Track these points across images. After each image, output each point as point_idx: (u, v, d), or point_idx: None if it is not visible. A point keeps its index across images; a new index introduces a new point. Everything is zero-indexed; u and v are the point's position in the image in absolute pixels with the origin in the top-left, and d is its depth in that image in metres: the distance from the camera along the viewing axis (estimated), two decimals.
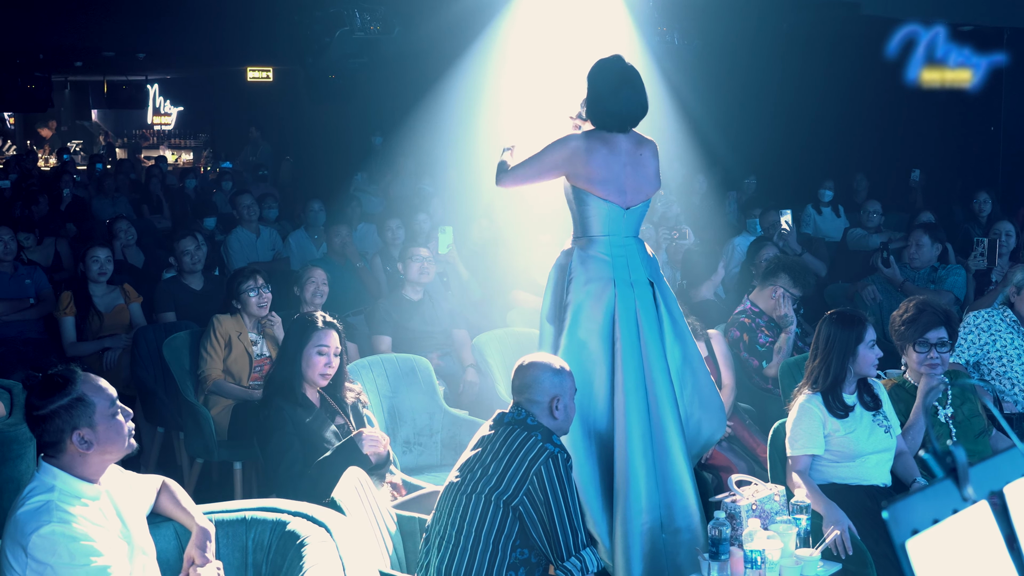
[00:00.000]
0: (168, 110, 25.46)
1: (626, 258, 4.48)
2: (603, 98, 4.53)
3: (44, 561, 2.95)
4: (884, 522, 1.44)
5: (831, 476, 4.56)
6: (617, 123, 4.53)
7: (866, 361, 4.59)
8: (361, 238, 9.66)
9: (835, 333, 4.63)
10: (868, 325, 4.63)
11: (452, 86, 10.84)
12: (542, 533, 3.84)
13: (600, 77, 4.56)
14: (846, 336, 4.60)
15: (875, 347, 4.62)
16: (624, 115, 4.54)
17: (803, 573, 3.99)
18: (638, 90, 4.56)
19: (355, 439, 4.54)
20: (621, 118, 4.53)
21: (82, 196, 12.77)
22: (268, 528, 3.55)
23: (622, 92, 4.52)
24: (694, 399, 4.60)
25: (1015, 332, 5.73)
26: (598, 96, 4.55)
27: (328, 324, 4.88)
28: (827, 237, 10.18)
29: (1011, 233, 7.93)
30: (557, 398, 4.01)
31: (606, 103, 4.52)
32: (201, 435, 5.97)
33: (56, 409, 3.09)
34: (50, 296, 7.43)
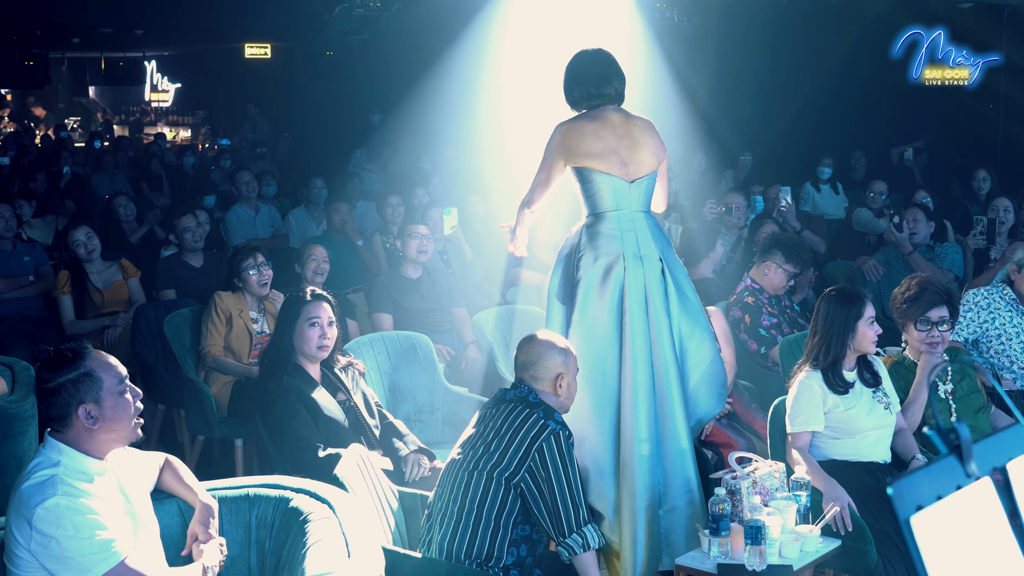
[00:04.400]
0: (166, 87, 25.38)
1: (635, 232, 4.48)
2: (578, 76, 4.61)
3: (49, 534, 2.96)
4: (889, 498, 1.45)
5: (831, 453, 4.58)
6: (598, 95, 4.56)
7: (865, 338, 4.59)
8: (360, 216, 9.65)
9: (834, 310, 4.63)
10: (867, 302, 4.63)
11: (452, 63, 10.80)
12: (543, 510, 3.86)
13: (572, 64, 4.67)
14: (845, 313, 4.60)
15: (874, 324, 4.62)
16: (603, 82, 4.56)
17: (803, 549, 4.02)
18: (611, 62, 4.63)
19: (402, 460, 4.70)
20: (601, 89, 4.56)
21: (81, 173, 12.75)
22: (271, 505, 3.56)
23: (596, 66, 4.60)
24: (695, 373, 4.61)
25: (1014, 310, 5.74)
26: (574, 77, 4.63)
27: (317, 296, 4.90)
28: (826, 215, 10.16)
29: (1009, 209, 7.92)
30: (561, 376, 4.03)
31: (582, 80, 4.59)
32: (202, 412, 5.98)
33: (64, 383, 3.10)
34: (49, 273, 7.43)
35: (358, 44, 11.48)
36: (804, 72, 12.70)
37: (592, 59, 4.64)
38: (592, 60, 4.64)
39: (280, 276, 6.72)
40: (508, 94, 9.37)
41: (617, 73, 4.62)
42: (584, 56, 4.67)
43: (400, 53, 13.29)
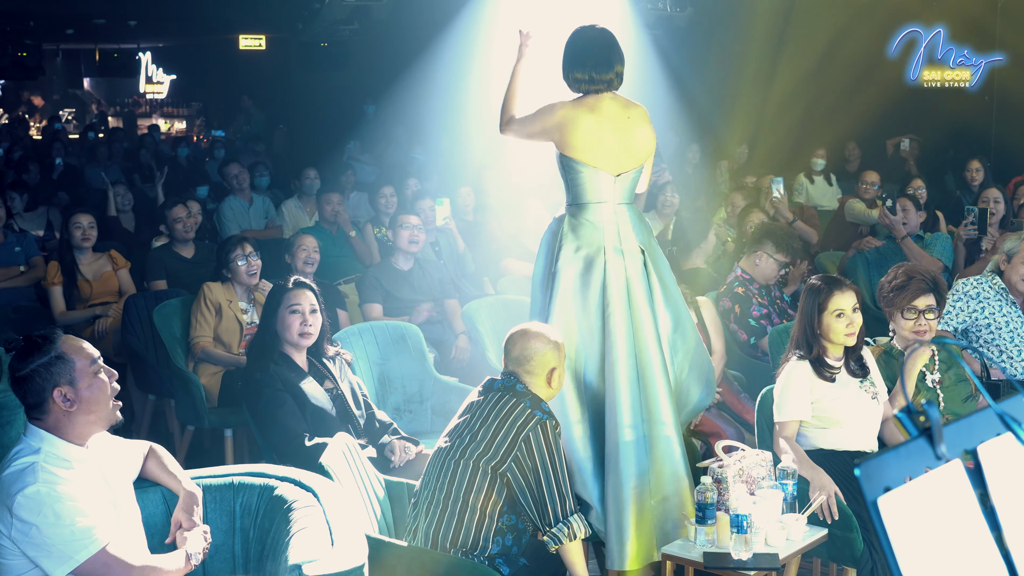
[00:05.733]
0: (160, 79, 25.35)
1: (617, 225, 4.47)
2: (580, 58, 4.53)
3: (29, 521, 2.95)
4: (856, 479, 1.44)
5: (818, 442, 4.58)
6: (600, 80, 4.52)
7: (831, 330, 4.54)
8: (353, 207, 9.66)
9: (805, 301, 4.63)
10: (834, 293, 4.56)
11: (444, 53, 10.80)
12: (530, 499, 3.86)
13: (573, 42, 4.59)
14: (810, 305, 4.60)
15: (843, 316, 4.53)
16: (604, 66, 4.52)
17: (789, 538, 4.02)
18: (613, 44, 4.56)
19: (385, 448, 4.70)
20: (603, 75, 4.52)
21: (74, 164, 12.74)
22: (256, 492, 3.56)
23: (599, 49, 4.53)
24: (684, 365, 4.61)
25: (1003, 300, 5.74)
26: (574, 57, 4.55)
27: (299, 284, 4.91)
28: (818, 206, 10.17)
29: (999, 200, 7.93)
30: (555, 369, 4.04)
31: (584, 62, 4.51)
32: (192, 402, 5.97)
33: (37, 368, 3.10)
34: (40, 263, 7.42)
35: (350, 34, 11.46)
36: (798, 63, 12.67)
37: (594, 40, 4.56)
38: (594, 41, 4.55)
39: (273, 267, 6.72)
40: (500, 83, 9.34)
41: (619, 56, 4.55)
42: (586, 36, 4.58)
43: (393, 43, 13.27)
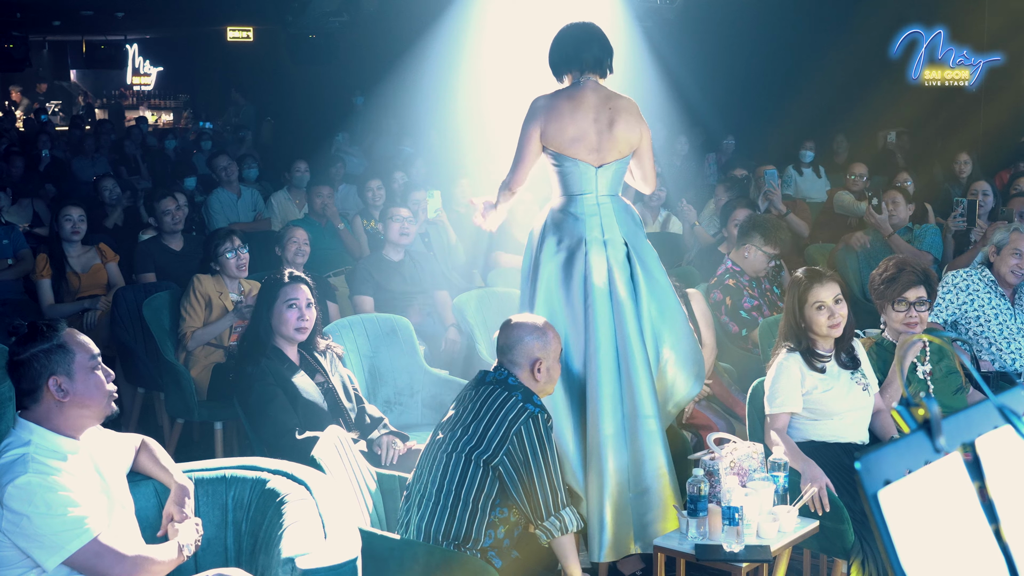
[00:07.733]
0: (148, 70, 25.28)
1: (599, 217, 4.49)
2: (563, 45, 4.60)
3: (20, 511, 2.94)
4: (856, 472, 1.44)
5: (809, 434, 4.58)
6: (577, 60, 4.54)
7: (814, 323, 4.54)
8: (342, 199, 9.63)
9: (788, 293, 4.65)
10: (812, 285, 4.54)
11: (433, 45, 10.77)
12: (522, 492, 3.86)
13: (559, 34, 4.65)
14: (792, 297, 4.61)
15: (823, 308, 4.51)
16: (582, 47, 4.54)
17: (780, 530, 4.03)
18: (594, 31, 4.61)
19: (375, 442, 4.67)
20: (580, 53, 4.55)
21: (61, 157, 12.68)
22: (248, 486, 3.56)
23: (579, 32, 4.59)
24: (670, 356, 4.62)
25: (992, 292, 5.76)
26: (559, 45, 4.62)
27: (295, 278, 4.89)
28: (808, 198, 10.18)
29: (988, 192, 7.95)
30: (539, 361, 4.01)
31: (563, 45, 4.58)
32: (181, 395, 5.96)
33: (36, 353, 3.11)
34: (28, 256, 7.39)
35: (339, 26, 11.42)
36: (787, 55, 12.69)
37: (576, 27, 4.63)
38: (576, 28, 4.63)
39: (262, 259, 6.69)
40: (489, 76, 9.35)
41: (599, 41, 4.58)
42: (569, 26, 4.66)
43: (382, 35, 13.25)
